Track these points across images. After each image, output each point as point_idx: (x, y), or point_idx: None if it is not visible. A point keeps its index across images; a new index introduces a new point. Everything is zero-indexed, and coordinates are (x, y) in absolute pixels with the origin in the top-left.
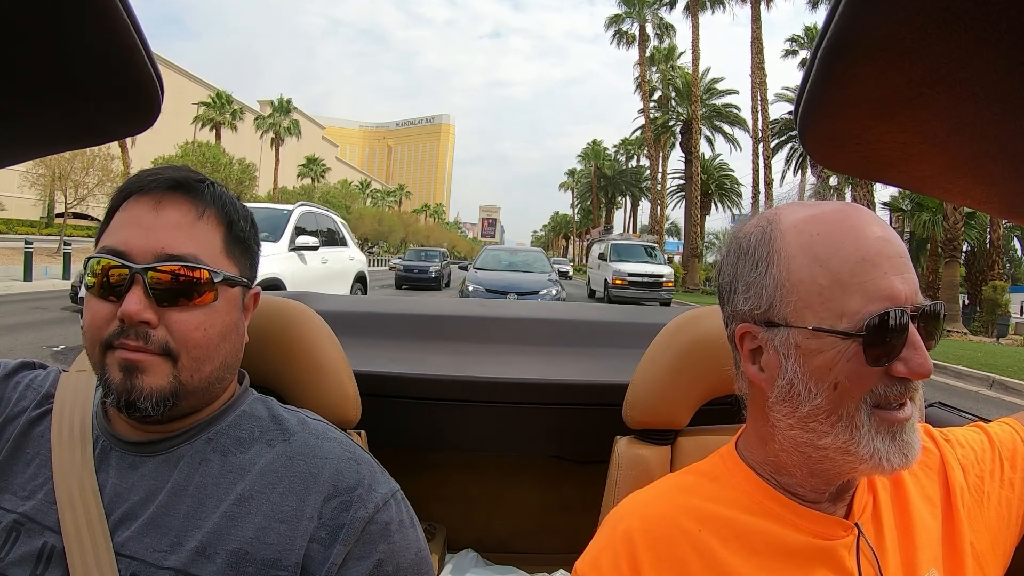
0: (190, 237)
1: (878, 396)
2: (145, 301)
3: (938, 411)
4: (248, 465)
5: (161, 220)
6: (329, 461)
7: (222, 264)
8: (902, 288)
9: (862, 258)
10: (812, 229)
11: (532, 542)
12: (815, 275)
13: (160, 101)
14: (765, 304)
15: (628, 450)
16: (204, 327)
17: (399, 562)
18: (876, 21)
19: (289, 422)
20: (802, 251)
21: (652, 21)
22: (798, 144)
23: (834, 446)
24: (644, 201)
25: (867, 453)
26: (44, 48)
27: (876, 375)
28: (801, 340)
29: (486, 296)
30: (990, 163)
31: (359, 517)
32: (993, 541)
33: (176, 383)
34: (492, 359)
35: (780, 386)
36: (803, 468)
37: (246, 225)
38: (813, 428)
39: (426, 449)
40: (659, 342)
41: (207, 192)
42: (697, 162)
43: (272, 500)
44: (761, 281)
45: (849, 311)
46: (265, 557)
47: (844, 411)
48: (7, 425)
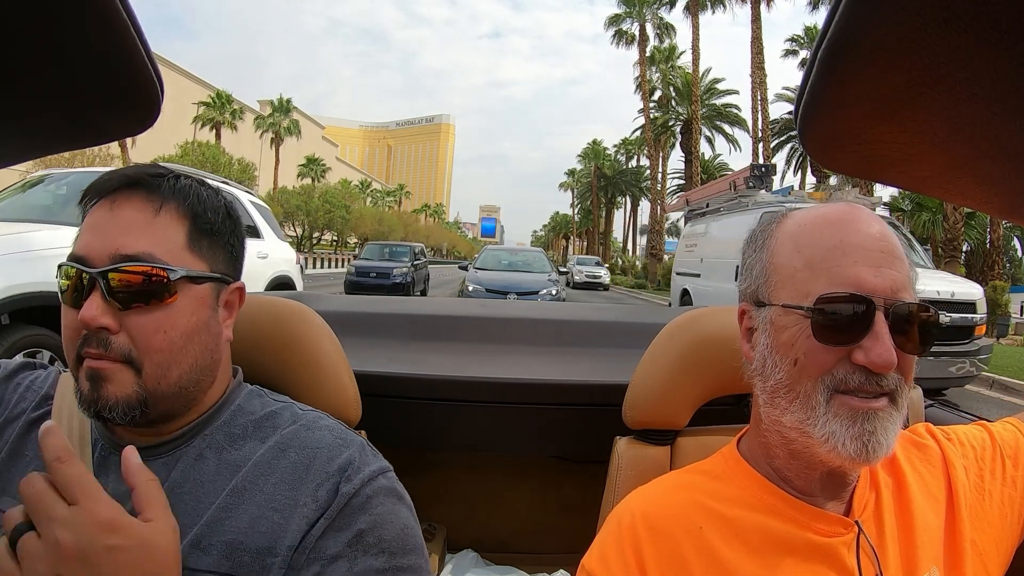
0: (145, 234)
1: (837, 380)
2: (103, 306)
3: (938, 411)
4: (242, 461)
5: (116, 220)
6: (321, 450)
7: (184, 260)
8: (872, 280)
9: (834, 246)
10: (804, 221)
11: (532, 542)
12: (792, 259)
13: (160, 101)
14: (755, 284)
15: (628, 450)
16: (165, 329)
17: (382, 534)
18: (876, 21)
19: (282, 416)
20: (789, 238)
21: (652, 21)
22: (798, 144)
23: (793, 424)
24: (644, 201)
25: (822, 435)
26: (44, 48)
27: (834, 357)
28: (775, 316)
29: (486, 296)
30: (990, 163)
31: (344, 492)
32: (995, 539)
33: (142, 391)
34: (492, 359)
35: (756, 360)
36: (783, 448)
37: (217, 217)
38: (777, 403)
39: (426, 449)
40: (659, 342)
41: (165, 186)
42: (697, 162)
43: (265, 491)
44: (755, 264)
45: (813, 292)
46: (259, 545)
47: (802, 388)
48: (6, 427)
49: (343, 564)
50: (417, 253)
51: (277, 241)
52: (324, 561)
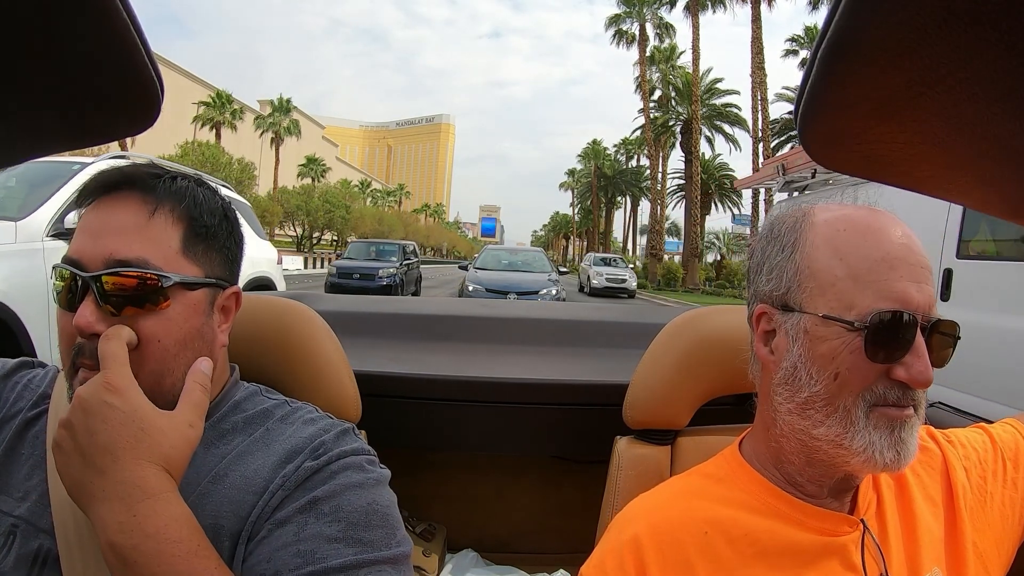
0: (139, 239)
1: (876, 396)
2: (97, 312)
3: (939, 412)
4: (226, 452)
5: (111, 222)
6: (304, 439)
7: (178, 266)
8: (916, 296)
9: (880, 258)
10: (840, 225)
11: (532, 542)
12: (833, 266)
13: (160, 101)
14: (784, 287)
15: (628, 450)
16: (158, 337)
17: (339, 503)
18: (876, 21)
19: (273, 414)
20: (826, 243)
21: (652, 21)
22: (798, 144)
23: (827, 437)
24: (644, 201)
25: (861, 446)
26: (43, 48)
27: (876, 373)
28: (810, 326)
29: (486, 296)
30: (990, 163)
31: (307, 466)
32: (996, 541)
33: None
34: (492, 359)
35: (784, 368)
36: (800, 456)
37: (213, 220)
38: (810, 415)
39: (426, 449)
40: (659, 342)
41: (161, 187)
42: (697, 162)
43: (246, 476)
44: (784, 265)
45: (859, 305)
46: (237, 529)
47: (841, 403)
48: (3, 426)
49: (291, 528)
50: (408, 252)
51: (257, 240)
52: (272, 525)
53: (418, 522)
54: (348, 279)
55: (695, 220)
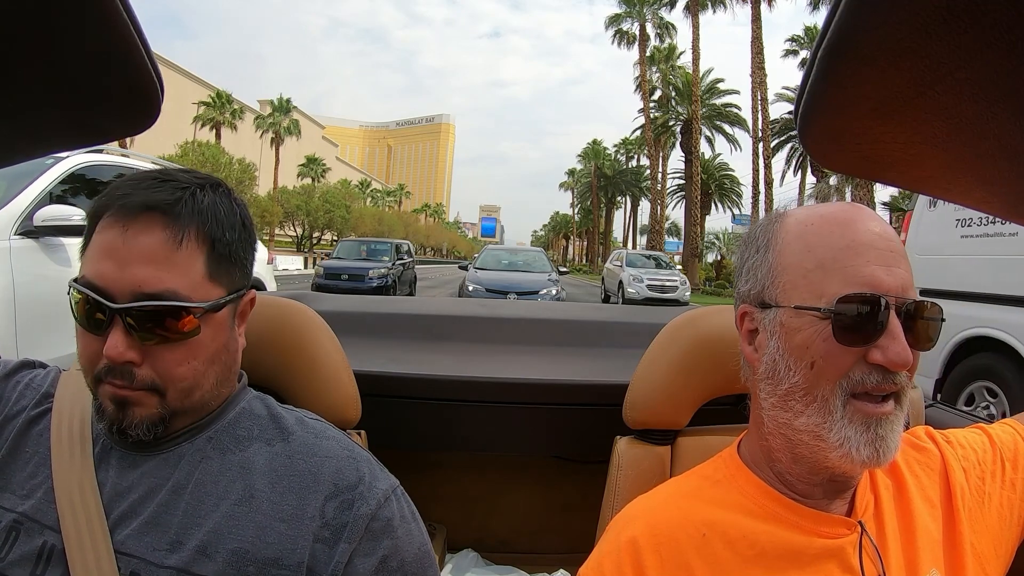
0: (167, 270)
1: (854, 382)
2: (126, 342)
3: (938, 411)
4: (247, 463)
5: (136, 250)
6: (329, 460)
7: (205, 291)
8: (886, 278)
9: (846, 246)
10: (809, 221)
11: (532, 542)
12: (803, 260)
13: (160, 101)
14: (760, 285)
15: (628, 450)
16: (188, 360)
17: (403, 557)
18: (876, 21)
19: (287, 420)
20: (796, 239)
21: (652, 21)
22: (798, 144)
23: (807, 428)
24: (644, 201)
25: (837, 440)
26: (44, 48)
27: (851, 358)
28: (785, 319)
29: (486, 296)
30: (990, 163)
31: (362, 514)
32: (994, 542)
33: (166, 411)
34: (492, 359)
35: (765, 362)
36: (786, 453)
37: (234, 235)
38: (791, 407)
39: (426, 449)
40: (659, 342)
41: (184, 211)
42: (697, 162)
43: (272, 500)
44: (760, 264)
45: (828, 292)
46: (266, 556)
47: (819, 392)
48: (6, 424)
49: None
50: (402, 252)
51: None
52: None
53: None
54: (336, 280)
55: (695, 220)
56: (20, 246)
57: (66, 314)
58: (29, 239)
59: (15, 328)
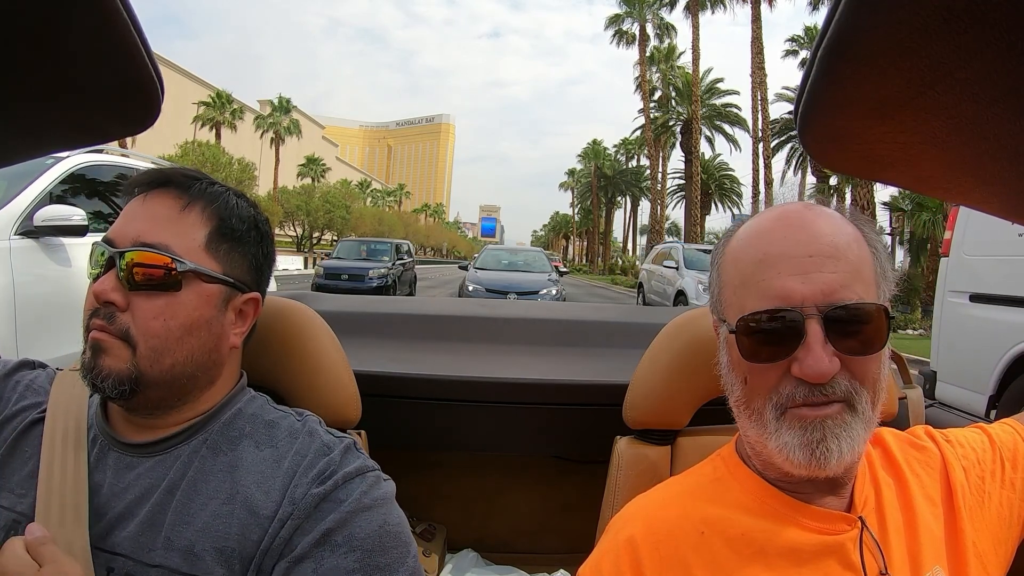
0: (167, 228)
1: (784, 398)
2: (114, 282)
3: (938, 411)
4: (236, 463)
5: (145, 211)
6: (308, 457)
7: (199, 258)
8: (800, 287)
9: (760, 260)
10: (742, 235)
11: (532, 542)
12: (732, 276)
13: (160, 101)
14: (713, 300)
15: (628, 450)
16: (164, 317)
17: (352, 532)
18: (876, 21)
19: (280, 426)
20: (731, 255)
21: (652, 21)
22: (798, 144)
23: (753, 438)
24: (644, 201)
25: (776, 447)
26: (44, 48)
27: (775, 373)
28: (725, 334)
29: (486, 296)
30: (990, 163)
31: (314, 493)
32: (994, 541)
33: (134, 370)
34: (492, 359)
35: (722, 375)
36: (757, 458)
37: (242, 225)
38: (740, 418)
39: (426, 449)
40: (659, 342)
41: (195, 188)
42: (697, 162)
43: (257, 499)
44: (713, 280)
45: (747, 308)
46: (251, 554)
47: (755, 406)
48: (6, 424)
49: (308, 565)
50: (402, 251)
51: None
52: (288, 563)
53: (418, 522)
54: (336, 280)
55: (695, 220)
56: (20, 246)
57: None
58: (29, 239)
59: (15, 328)
